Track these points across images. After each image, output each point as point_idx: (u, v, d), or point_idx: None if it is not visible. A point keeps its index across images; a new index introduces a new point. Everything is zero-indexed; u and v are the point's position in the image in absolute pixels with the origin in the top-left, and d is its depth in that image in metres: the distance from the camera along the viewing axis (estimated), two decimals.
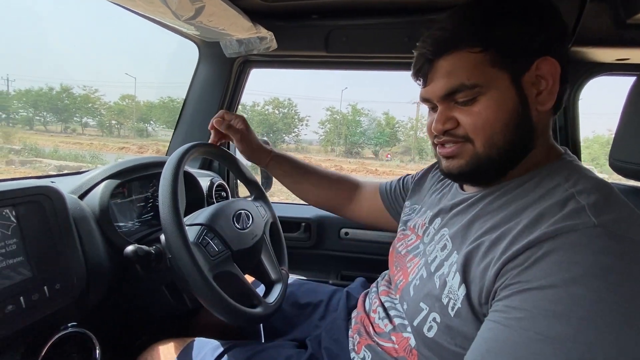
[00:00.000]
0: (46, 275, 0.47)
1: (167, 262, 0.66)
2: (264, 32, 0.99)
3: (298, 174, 0.91)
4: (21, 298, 0.43)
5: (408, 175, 0.87)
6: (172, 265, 0.66)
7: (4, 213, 0.44)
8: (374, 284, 0.79)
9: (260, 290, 0.82)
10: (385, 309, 0.64)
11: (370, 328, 0.65)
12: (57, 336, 0.49)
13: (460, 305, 0.44)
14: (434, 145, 0.57)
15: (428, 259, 0.53)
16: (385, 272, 0.80)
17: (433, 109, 0.56)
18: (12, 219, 0.45)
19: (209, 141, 0.84)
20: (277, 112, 23.94)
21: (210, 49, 1.12)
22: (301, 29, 1.05)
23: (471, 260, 0.45)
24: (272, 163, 0.89)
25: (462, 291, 0.44)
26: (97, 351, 0.54)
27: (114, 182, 0.69)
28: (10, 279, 0.43)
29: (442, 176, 0.72)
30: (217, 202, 1.02)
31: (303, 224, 1.23)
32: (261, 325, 0.85)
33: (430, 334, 0.47)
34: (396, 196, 0.85)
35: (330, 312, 0.86)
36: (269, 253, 0.83)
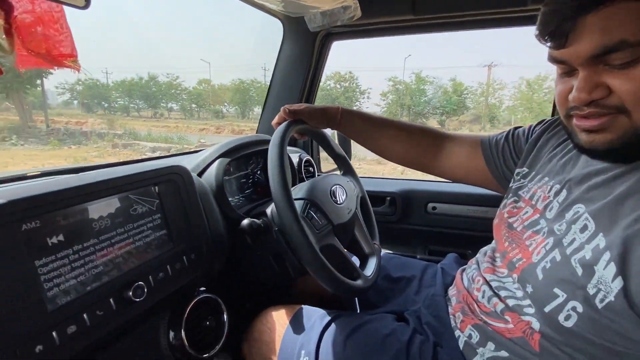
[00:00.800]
0: (183, 247, 0.53)
1: (273, 234, 0.71)
2: (348, 0, 0.96)
3: (372, 129, 0.83)
4: (168, 267, 0.50)
5: (517, 128, 0.74)
6: (278, 237, 0.70)
7: (150, 190, 0.50)
8: (472, 261, 0.75)
9: (355, 262, 0.84)
10: (492, 288, 0.60)
11: (475, 306, 0.62)
12: (195, 300, 0.56)
13: (613, 299, 0.38)
14: (568, 117, 0.49)
15: (562, 240, 0.47)
16: (485, 248, 0.75)
17: (567, 73, 0.47)
18: (156, 195, 0.51)
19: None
20: (338, 86, 23.55)
21: (294, 25, 1.12)
22: None
23: (631, 247, 0.38)
24: (342, 121, 0.82)
25: (617, 284, 0.38)
26: (225, 315, 0.61)
27: (225, 161, 0.75)
28: (159, 250, 0.50)
29: (562, 138, 0.63)
30: (305, 176, 1.06)
31: (388, 198, 1.21)
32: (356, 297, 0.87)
33: (568, 324, 0.43)
34: (504, 154, 0.74)
35: (425, 287, 0.85)
36: (361, 227, 0.83)
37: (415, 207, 1.20)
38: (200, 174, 0.72)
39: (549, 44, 0.47)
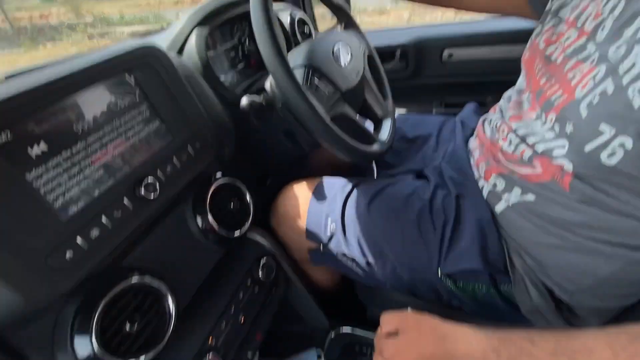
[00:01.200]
0: (184, 137, 0.49)
1: (278, 110, 0.65)
2: None
3: None
4: (174, 159, 0.47)
5: None
6: (284, 113, 0.65)
7: (124, 79, 0.43)
8: (494, 108, 0.69)
9: (369, 126, 0.80)
10: (519, 136, 0.56)
11: (500, 156, 0.59)
12: (214, 186, 0.55)
13: None
14: None
15: (618, 68, 0.39)
16: (510, 92, 0.68)
17: None
18: (134, 84, 0.44)
19: None
20: None
21: None
22: None
23: None
24: None
25: None
26: (247, 195, 0.61)
27: (203, 30, 0.63)
28: (159, 143, 0.46)
29: None
30: (301, 38, 0.92)
31: (398, 51, 1.08)
32: (373, 162, 0.87)
33: (611, 161, 0.39)
34: None
35: (444, 142, 0.82)
36: (371, 89, 0.76)
37: (429, 57, 1.08)
38: (180, 51, 0.63)
39: None
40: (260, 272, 0.63)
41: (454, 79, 1.09)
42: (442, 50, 1.05)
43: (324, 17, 1.18)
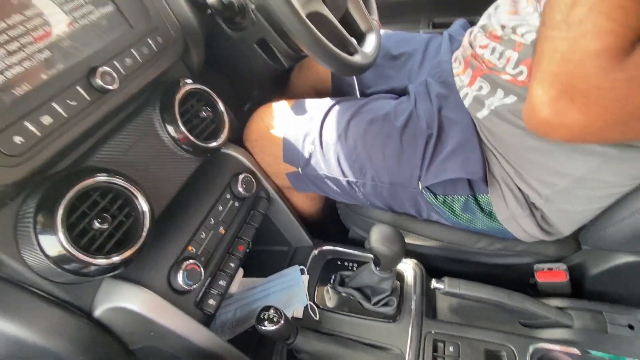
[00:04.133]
0: (144, 29, 0.45)
1: (251, 15, 0.60)
2: None
3: None
4: (133, 51, 0.43)
5: None
6: (257, 17, 0.60)
7: None
8: (484, 17, 0.65)
9: None
10: (502, 39, 0.54)
11: (484, 65, 0.57)
12: (182, 90, 0.51)
13: None
14: None
15: None
16: (500, 1, 0.63)
17: None
18: None
19: None
20: None
21: None
22: None
23: None
24: None
25: None
26: (220, 104, 0.58)
27: None
28: (115, 32, 0.42)
29: None
30: None
31: None
32: (355, 80, 0.83)
33: None
34: None
35: (430, 58, 0.78)
36: (356, 2, 0.70)
37: None
38: None
39: None
40: (239, 187, 0.62)
41: None
42: None
43: None
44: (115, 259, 0.40)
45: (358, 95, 0.83)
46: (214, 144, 0.56)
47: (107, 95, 0.40)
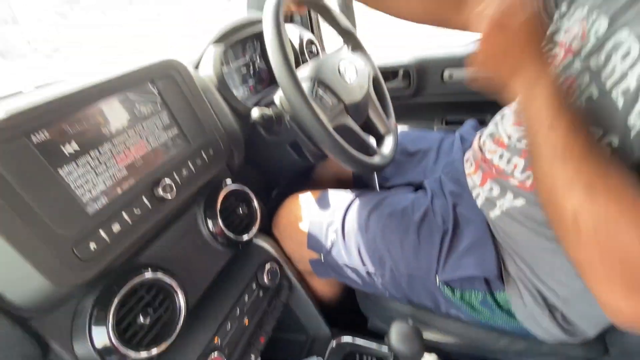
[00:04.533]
0: (200, 144, 0.53)
1: (286, 122, 0.69)
2: None
3: None
4: (189, 163, 0.51)
5: None
6: (291, 125, 0.69)
7: (147, 88, 0.47)
8: (491, 125, 0.72)
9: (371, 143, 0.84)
10: (509, 148, 0.59)
11: (494, 169, 0.62)
12: (224, 191, 0.58)
13: None
14: None
15: (600, 74, 0.42)
16: (507, 108, 0.71)
17: None
18: (156, 93, 0.48)
19: None
20: None
21: None
22: None
23: None
24: None
25: None
26: (255, 202, 0.65)
27: (219, 47, 0.69)
28: (177, 149, 0.50)
29: None
30: (309, 58, 0.98)
31: (401, 70, 1.13)
32: (375, 175, 0.90)
33: None
34: None
35: (443, 156, 0.85)
36: (375, 106, 0.80)
37: (430, 77, 1.13)
38: (197, 66, 0.68)
39: None
40: (265, 277, 0.65)
41: (454, 98, 1.13)
42: (442, 70, 1.10)
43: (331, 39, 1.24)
44: (154, 351, 0.42)
45: (377, 187, 0.89)
46: (246, 237, 0.62)
47: (167, 202, 0.46)
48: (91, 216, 0.39)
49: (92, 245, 0.38)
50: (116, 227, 0.41)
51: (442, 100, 1.16)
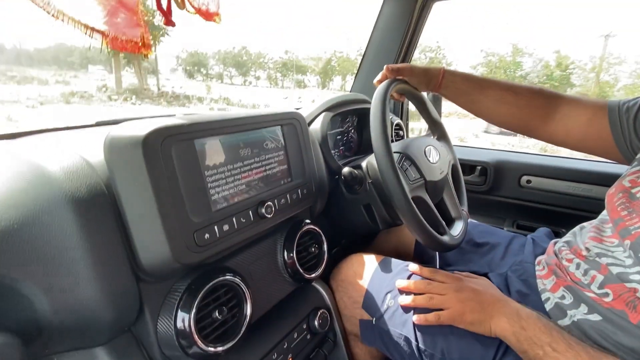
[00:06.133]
0: (299, 182, 0.64)
1: (366, 186, 0.78)
2: None
3: (474, 90, 0.80)
4: (287, 195, 0.60)
5: None
6: (370, 189, 0.77)
7: (277, 130, 0.60)
8: (569, 234, 0.72)
9: None
10: (588, 260, 0.59)
11: (569, 277, 0.61)
12: (303, 228, 0.66)
13: None
14: None
15: None
16: (586, 223, 0.71)
17: None
18: (281, 135, 0.61)
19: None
20: (423, 56, 22.46)
21: None
22: None
23: None
24: (444, 82, 0.81)
25: None
26: (325, 245, 0.71)
27: (329, 114, 0.84)
28: (281, 180, 0.61)
29: None
30: (394, 139, 1.10)
31: (479, 167, 1.18)
32: (437, 254, 0.91)
33: None
34: (636, 122, 0.65)
35: (512, 255, 0.84)
36: (450, 191, 0.85)
37: (507, 178, 1.16)
38: (309, 124, 0.82)
39: None
40: (316, 322, 0.68)
41: (529, 203, 1.13)
42: (520, 175, 1.13)
43: (413, 129, 1.36)
44: (220, 348, 0.48)
45: (437, 266, 0.89)
46: (312, 275, 0.67)
47: (264, 220, 0.55)
48: (213, 212, 0.49)
49: (207, 235, 0.47)
50: (226, 227, 0.50)
51: (517, 203, 1.16)
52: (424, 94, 0.91)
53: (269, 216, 0.55)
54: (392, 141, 1.06)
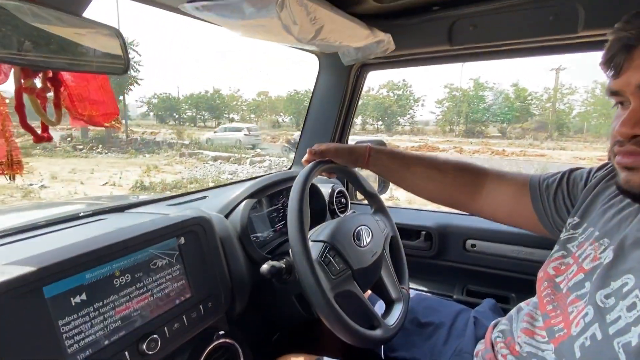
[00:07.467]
0: (201, 296, 0.57)
1: (295, 274, 0.72)
2: (380, 35, 0.95)
3: (401, 168, 0.80)
4: (184, 317, 0.53)
5: (576, 170, 0.66)
6: (300, 278, 0.71)
7: (172, 243, 0.54)
8: (506, 319, 0.68)
9: (380, 306, 0.82)
10: (520, 355, 0.55)
11: None
12: (211, 346, 0.58)
13: None
14: (613, 153, 0.47)
15: (605, 315, 0.42)
16: (523, 304, 0.68)
17: (622, 106, 0.47)
18: (177, 248, 0.55)
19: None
20: (391, 94, 23.65)
21: (329, 60, 1.14)
22: (420, 25, 0.96)
23: None
24: (370, 160, 0.80)
25: None
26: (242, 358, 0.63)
27: (251, 202, 0.79)
28: (176, 300, 0.54)
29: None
30: (337, 207, 1.06)
31: (423, 232, 1.16)
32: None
33: None
34: (556, 200, 0.66)
35: (454, 337, 0.80)
36: (389, 270, 0.81)
37: (452, 243, 1.13)
38: (227, 215, 0.76)
39: (607, 72, 0.46)
40: None
41: (476, 267, 1.10)
42: (465, 239, 1.11)
43: None
44: None
45: (382, 355, 0.83)
46: None
47: (146, 358, 0.47)
48: None
49: None
50: None
51: (464, 267, 1.13)
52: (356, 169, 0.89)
53: (151, 353, 0.47)
54: (329, 212, 1.03)
